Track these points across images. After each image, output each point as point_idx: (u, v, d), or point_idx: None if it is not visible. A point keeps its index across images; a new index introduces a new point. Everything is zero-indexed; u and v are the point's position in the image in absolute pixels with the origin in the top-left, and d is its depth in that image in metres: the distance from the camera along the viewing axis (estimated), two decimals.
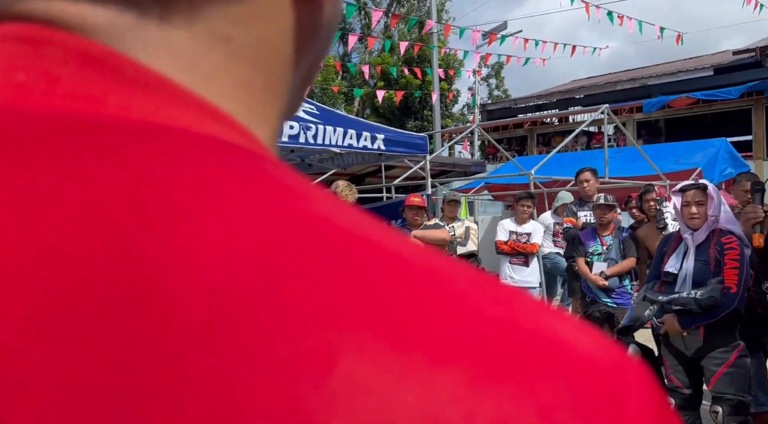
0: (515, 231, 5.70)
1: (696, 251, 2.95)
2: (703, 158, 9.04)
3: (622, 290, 4.63)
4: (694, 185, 2.95)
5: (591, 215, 5.10)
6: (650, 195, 4.67)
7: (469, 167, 11.14)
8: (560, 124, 18.80)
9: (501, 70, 27.84)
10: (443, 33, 10.79)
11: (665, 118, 17.08)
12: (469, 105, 18.85)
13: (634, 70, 21.55)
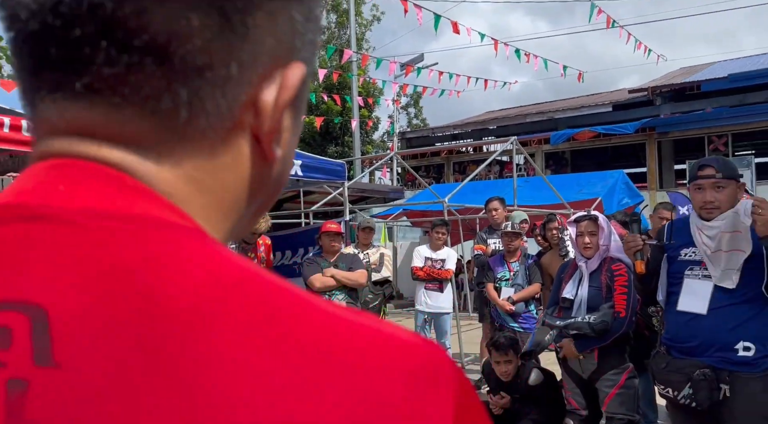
0: (430, 257, 5.83)
1: (589, 277, 3.15)
2: (603, 188, 9.69)
3: (527, 315, 4.84)
4: (586, 217, 3.17)
5: (500, 242, 5.32)
6: (553, 224, 4.94)
7: (387, 194, 11.29)
8: (475, 153, 19.59)
9: (419, 100, 28.73)
10: (361, 62, 11.01)
11: (570, 149, 18.25)
12: (388, 132, 19.24)
13: (542, 104, 22.92)
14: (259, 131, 0.34)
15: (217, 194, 0.35)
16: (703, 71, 19.39)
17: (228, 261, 0.30)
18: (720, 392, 2.40)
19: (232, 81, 0.33)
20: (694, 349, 2.47)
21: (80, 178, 0.31)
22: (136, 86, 0.31)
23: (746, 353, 2.37)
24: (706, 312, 2.42)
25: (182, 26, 0.30)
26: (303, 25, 0.35)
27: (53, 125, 0.33)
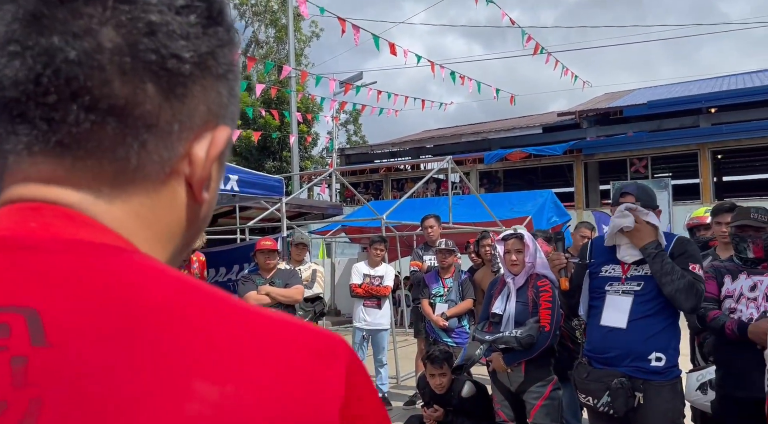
0: (369, 274, 5.88)
1: (517, 293, 3.30)
2: (533, 207, 10.10)
3: (460, 330, 4.97)
4: (513, 235, 3.33)
5: (435, 258, 5.45)
6: (486, 241, 5.11)
7: (326, 210, 11.27)
8: (413, 170, 19.93)
9: (358, 117, 28.95)
10: (300, 78, 11.04)
11: (503, 169, 18.91)
12: (327, 148, 19.26)
13: (477, 125, 23.65)
14: (191, 179, 0.43)
15: (157, 228, 0.43)
16: (625, 97, 20.66)
17: (169, 272, 0.39)
18: (635, 400, 2.57)
19: (173, 136, 0.41)
20: (612, 359, 2.64)
21: (48, 217, 0.39)
22: (97, 140, 0.39)
23: (658, 364, 2.57)
24: (625, 326, 2.60)
25: (138, 93, 0.39)
26: (227, 99, 0.45)
27: (25, 174, 0.40)
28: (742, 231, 2.87)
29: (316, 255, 13.11)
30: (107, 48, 0.38)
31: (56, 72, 0.38)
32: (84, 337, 0.33)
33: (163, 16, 0.40)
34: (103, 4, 0.39)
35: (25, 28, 0.38)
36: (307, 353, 0.37)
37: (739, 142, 15.53)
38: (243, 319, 0.37)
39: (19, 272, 0.35)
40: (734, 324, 2.75)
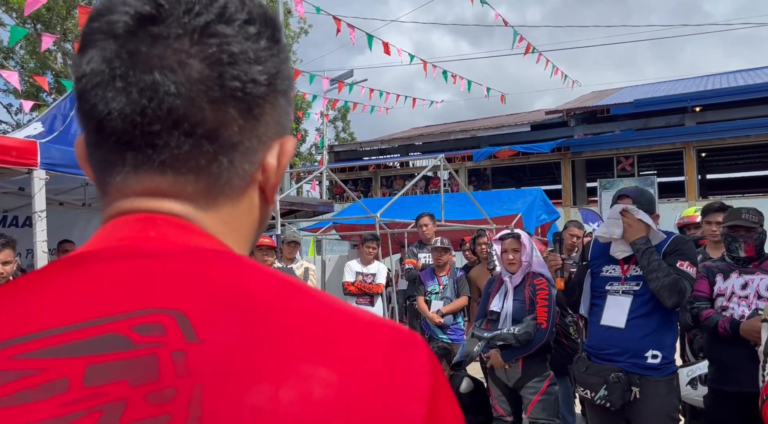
0: (361, 272, 5.91)
1: (514, 291, 3.37)
2: (523, 205, 10.19)
3: (456, 327, 5.03)
4: (510, 234, 3.40)
5: (430, 256, 5.50)
6: (482, 239, 5.18)
7: (317, 207, 11.27)
8: (402, 168, 20.00)
9: (347, 114, 28.92)
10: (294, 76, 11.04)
11: (492, 167, 19.03)
12: (317, 145, 19.26)
13: (466, 122, 23.76)
14: (265, 185, 0.49)
15: (240, 231, 0.49)
16: (612, 96, 20.88)
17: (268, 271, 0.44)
18: (631, 394, 2.65)
19: (252, 151, 0.47)
20: (610, 356, 2.72)
21: (163, 227, 0.44)
22: (195, 160, 0.45)
23: (654, 361, 2.65)
24: (624, 326, 2.68)
25: (225, 117, 0.44)
26: (287, 110, 0.50)
27: (133, 189, 0.46)
28: (734, 231, 2.96)
29: (306, 252, 13.12)
30: (198, 79, 0.43)
31: (160, 104, 0.43)
32: (223, 332, 0.37)
33: (241, 46, 0.45)
34: (190, 39, 0.43)
35: (127, 65, 0.43)
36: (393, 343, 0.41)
37: (723, 141, 15.79)
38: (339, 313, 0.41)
39: (154, 278, 0.40)
40: (726, 322, 2.84)
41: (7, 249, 2.78)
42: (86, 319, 0.38)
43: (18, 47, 18.60)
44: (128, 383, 0.35)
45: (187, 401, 0.34)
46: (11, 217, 5.80)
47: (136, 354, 0.36)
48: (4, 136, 4.37)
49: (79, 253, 0.44)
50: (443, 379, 0.42)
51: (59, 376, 0.35)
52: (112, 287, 0.40)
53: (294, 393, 0.36)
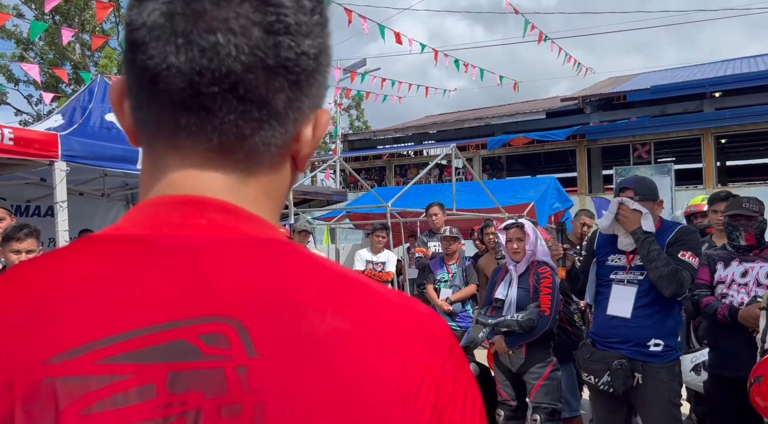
0: (371, 260, 6.03)
1: (518, 280, 3.44)
2: (536, 194, 10.17)
3: (464, 314, 5.12)
4: (514, 224, 3.46)
5: (440, 245, 5.58)
6: (489, 229, 5.23)
7: (330, 196, 11.39)
8: (416, 156, 20.03)
9: (361, 102, 28.94)
10: None
11: (506, 154, 18.97)
12: (331, 135, 19.34)
13: (480, 110, 23.66)
14: (298, 155, 0.50)
15: (276, 199, 0.51)
16: (628, 82, 20.61)
17: (313, 258, 0.46)
18: (634, 380, 2.72)
19: (293, 122, 0.47)
20: (614, 344, 2.79)
21: (211, 213, 0.45)
22: (241, 128, 0.45)
23: (656, 349, 2.71)
24: (629, 315, 2.74)
25: (276, 86, 0.45)
26: (323, 86, 0.51)
27: (183, 156, 0.46)
28: (735, 220, 2.99)
29: (320, 241, 13.26)
30: (256, 46, 0.43)
31: (220, 66, 0.42)
32: (277, 346, 0.39)
33: (297, 18, 0.45)
34: (253, 5, 0.43)
35: (191, 23, 0.42)
36: (411, 337, 0.43)
37: (743, 127, 15.54)
38: (375, 302, 0.44)
39: (211, 279, 0.41)
40: (725, 309, 2.88)
41: (31, 238, 2.91)
42: (157, 322, 0.39)
43: (38, 39, 18.89)
44: (203, 395, 0.38)
45: (251, 417, 0.37)
46: (34, 206, 5.98)
47: (206, 366, 0.38)
48: (27, 129, 4.52)
49: (129, 235, 0.44)
50: (462, 358, 0.47)
51: (147, 382, 0.38)
52: (174, 287, 0.41)
53: (336, 409, 0.39)
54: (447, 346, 0.45)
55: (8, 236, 2.90)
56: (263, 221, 0.47)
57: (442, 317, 0.48)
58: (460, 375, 0.45)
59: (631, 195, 2.78)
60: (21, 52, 19.81)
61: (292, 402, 0.38)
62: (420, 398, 0.42)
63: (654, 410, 2.70)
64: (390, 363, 0.41)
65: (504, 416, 3.44)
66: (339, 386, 0.39)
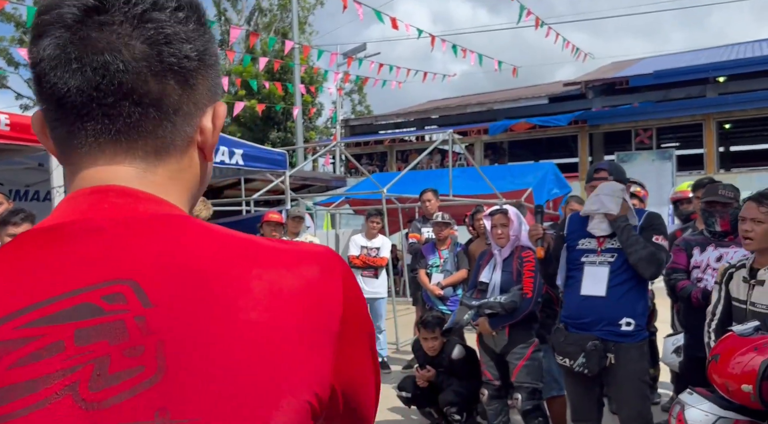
0: (366, 246, 6.11)
1: (503, 264, 3.53)
2: (534, 179, 10.22)
3: (455, 299, 5.21)
4: (498, 210, 3.54)
5: (432, 231, 5.65)
6: (480, 215, 5.29)
7: (330, 182, 11.48)
8: (417, 142, 20.03)
9: (363, 87, 28.83)
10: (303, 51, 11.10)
11: (508, 140, 18.94)
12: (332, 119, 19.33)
13: (482, 95, 23.54)
14: (204, 145, 0.58)
15: (183, 184, 0.58)
16: (631, 67, 20.47)
17: (212, 227, 0.53)
18: (607, 360, 2.81)
19: (191, 115, 0.56)
20: (587, 324, 2.87)
21: (112, 197, 0.53)
22: (144, 126, 0.53)
23: (628, 328, 2.80)
24: (605, 294, 2.83)
25: (166, 88, 0.53)
26: (216, 80, 0.60)
27: (94, 158, 0.54)
28: (711, 206, 3.06)
29: (321, 226, 13.36)
30: (140, 57, 0.52)
31: (111, 80, 0.51)
32: (170, 295, 0.47)
33: (174, 28, 0.53)
34: (131, 24, 0.52)
35: (80, 49, 0.51)
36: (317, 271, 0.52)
37: (745, 112, 15.47)
38: (269, 255, 0.52)
39: (111, 251, 0.49)
40: (699, 293, 2.97)
41: (26, 223, 3.00)
42: (65, 291, 0.47)
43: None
44: (108, 343, 0.45)
45: (153, 354, 0.45)
46: (32, 191, 6.09)
47: (109, 319, 0.45)
48: (24, 115, 4.60)
49: (48, 226, 0.52)
50: (350, 274, 0.56)
51: (56, 339, 0.45)
52: (80, 261, 0.48)
53: (227, 338, 0.46)
54: (338, 270, 0.54)
55: (4, 221, 2.99)
56: (164, 201, 0.55)
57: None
58: (352, 298, 0.54)
59: (606, 176, 2.85)
60: (20, 35, 19.82)
61: (189, 337, 0.45)
62: (316, 321, 0.50)
63: (625, 388, 2.80)
64: (283, 295, 0.49)
65: (488, 395, 3.55)
66: (239, 323, 0.47)
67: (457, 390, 3.93)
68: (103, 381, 0.44)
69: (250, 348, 0.46)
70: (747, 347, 2.20)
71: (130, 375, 0.44)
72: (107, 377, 0.44)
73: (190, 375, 0.45)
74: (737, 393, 2.19)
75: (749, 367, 2.12)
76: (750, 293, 2.42)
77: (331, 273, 0.53)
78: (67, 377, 0.44)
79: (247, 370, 0.46)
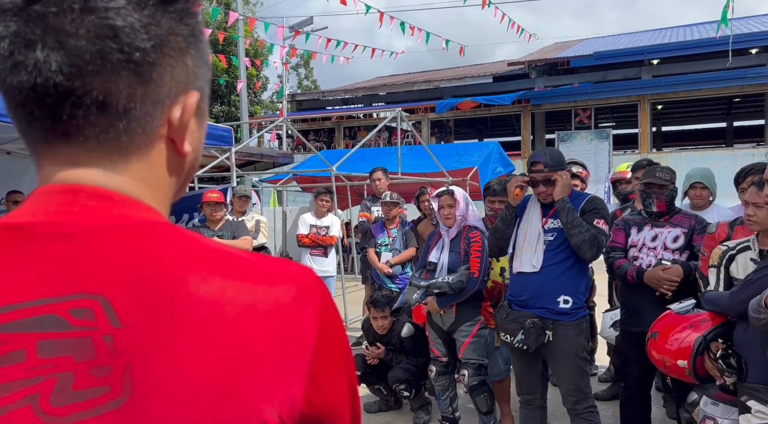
0: (315, 224, 6.09)
1: (450, 244, 3.59)
2: (479, 158, 10.41)
3: (404, 277, 5.29)
4: (445, 191, 3.59)
5: (381, 210, 5.68)
6: (424, 197, 5.35)
7: (276, 159, 11.25)
8: (365, 119, 19.94)
9: (309, 61, 28.31)
10: (249, 24, 10.73)
11: (454, 118, 19.15)
12: (278, 93, 18.90)
13: (429, 72, 23.61)
14: (173, 138, 0.53)
15: (156, 184, 0.53)
16: (572, 48, 20.97)
17: (186, 237, 0.50)
18: (545, 337, 2.93)
19: (150, 112, 0.50)
20: (526, 301, 2.98)
21: (83, 199, 0.49)
22: (91, 128, 0.48)
23: (565, 306, 2.92)
24: (539, 270, 2.92)
25: (113, 87, 0.48)
26: (194, 66, 0.53)
27: (53, 159, 0.50)
28: (648, 188, 3.21)
29: (267, 203, 13.16)
30: (78, 55, 0.46)
31: (46, 80, 0.46)
32: (140, 315, 0.45)
33: (124, 18, 0.47)
34: (71, 15, 0.45)
35: (16, 44, 0.46)
36: (287, 297, 0.49)
37: (676, 94, 16.20)
38: (246, 273, 0.49)
39: (80, 260, 0.46)
40: (634, 271, 3.12)
41: None
42: (29, 299, 0.44)
43: None
44: (73, 359, 0.43)
45: (120, 376, 0.43)
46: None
47: (75, 335, 0.43)
48: None
49: (15, 223, 0.48)
50: (330, 304, 0.53)
51: (17, 347, 0.43)
52: (47, 269, 0.46)
53: (193, 361, 0.44)
54: (317, 297, 0.51)
55: None
56: (139, 203, 0.51)
57: (307, 268, 0.53)
58: (327, 325, 0.51)
59: (541, 168, 2.94)
60: None
61: (158, 361, 0.44)
62: (286, 348, 0.48)
63: (563, 363, 2.93)
64: (264, 323, 0.47)
65: (436, 371, 3.64)
66: (209, 347, 0.45)
67: (406, 367, 4.01)
68: (66, 397, 0.42)
69: (217, 375, 0.45)
70: (683, 325, 2.34)
71: (95, 394, 0.43)
72: (70, 394, 0.43)
73: (157, 400, 0.44)
74: (674, 368, 2.33)
75: (685, 343, 2.26)
76: None
77: (308, 299, 0.50)
78: (27, 387, 0.42)
79: (214, 398, 0.45)
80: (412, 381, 4.00)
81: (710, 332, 2.36)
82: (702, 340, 2.34)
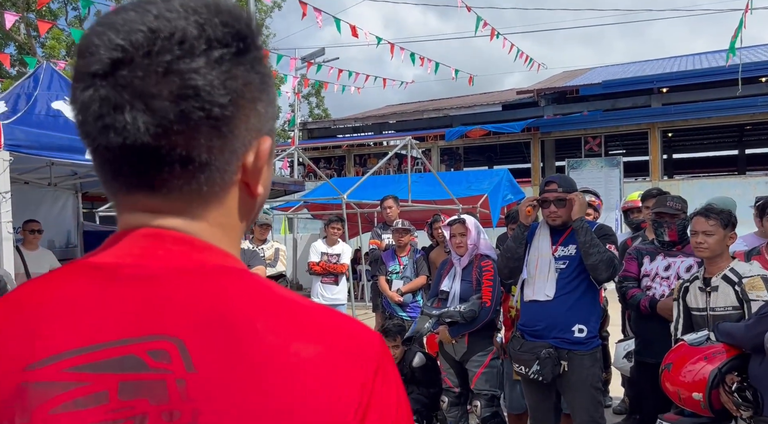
0: (326, 252, 6.10)
1: (462, 273, 3.60)
2: (489, 185, 10.44)
3: (414, 305, 5.26)
4: (456, 220, 3.61)
5: (392, 237, 5.69)
6: (437, 224, 5.36)
7: (287, 186, 11.35)
8: (375, 146, 20.11)
9: (321, 90, 28.72)
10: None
11: (464, 146, 19.26)
12: (289, 122, 19.18)
13: (438, 101, 23.87)
14: (247, 182, 0.56)
15: (232, 226, 0.57)
16: (581, 76, 21.15)
17: (259, 284, 0.52)
18: (560, 367, 2.91)
19: (227, 161, 0.53)
20: (540, 331, 2.96)
21: (168, 243, 0.52)
22: (175, 181, 0.52)
23: (580, 335, 2.90)
24: (552, 298, 2.91)
25: (194, 143, 0.51)
26: (265, 112, 0.56)
27: (133, 207, 0.54)
28: (660, 217, 3.22)
29: (278, 230, 13.24)
30: (163, 116, 0.49)
31: (134, 142, 0.49)
32: (212, 362, 0.47)
33: (203, 77, 0.49)
34: (155, 78, 0.48)
35: (106, 108, 0.49)
36: (347, 354, 0.50)
37: (687, 122, 16.23)
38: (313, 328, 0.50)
39: (161, 303, 0.49)
40: (647, 301, 3.11)
41: None
42: (113, 338, 0.47)
43: None
44: (148, 402, 0.45)
45: (188, 421, 0.45)
46: None
47: (151, 377, 0.46)
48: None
49: (101, 263, 0.52)
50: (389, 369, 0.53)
51: (101, 389, 0.45)
52: (130, 309, 0.48)
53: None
54: (375, 362, 0.51)
55: None
56: (218, 249, 0.54)
57: (375, 332, 0.54)
58: (384, 391, 0.51)
59: (555, 188, 2.96)
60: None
61: (224, 410, 0.45)
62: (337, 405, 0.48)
63: (578, 394, 2.90)
64: (319, 380, 0.48)
65: (448, 402, 3.60)
66: (269, 398, 0.46)
67: (418, 398, 3.98)
68: None
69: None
70: (698, 356, 2.32)
71: None
72: None
73: None
74: (688, 401, 2.30)
75: (700, 376, 2.24)
76: (708, 300, 2.57)
77: (367, 359, 0.51)
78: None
79: None
80: (424, 412, 3.96)
81: (725, 365, 2.33)
82: (717, 372, 2.32)
